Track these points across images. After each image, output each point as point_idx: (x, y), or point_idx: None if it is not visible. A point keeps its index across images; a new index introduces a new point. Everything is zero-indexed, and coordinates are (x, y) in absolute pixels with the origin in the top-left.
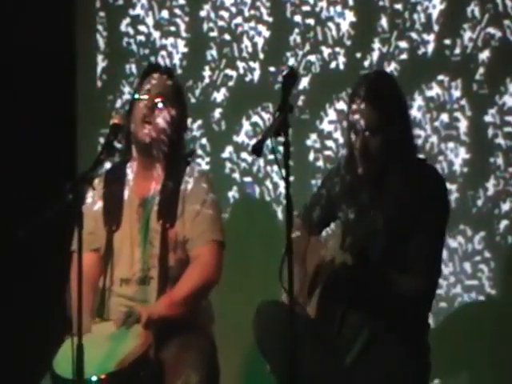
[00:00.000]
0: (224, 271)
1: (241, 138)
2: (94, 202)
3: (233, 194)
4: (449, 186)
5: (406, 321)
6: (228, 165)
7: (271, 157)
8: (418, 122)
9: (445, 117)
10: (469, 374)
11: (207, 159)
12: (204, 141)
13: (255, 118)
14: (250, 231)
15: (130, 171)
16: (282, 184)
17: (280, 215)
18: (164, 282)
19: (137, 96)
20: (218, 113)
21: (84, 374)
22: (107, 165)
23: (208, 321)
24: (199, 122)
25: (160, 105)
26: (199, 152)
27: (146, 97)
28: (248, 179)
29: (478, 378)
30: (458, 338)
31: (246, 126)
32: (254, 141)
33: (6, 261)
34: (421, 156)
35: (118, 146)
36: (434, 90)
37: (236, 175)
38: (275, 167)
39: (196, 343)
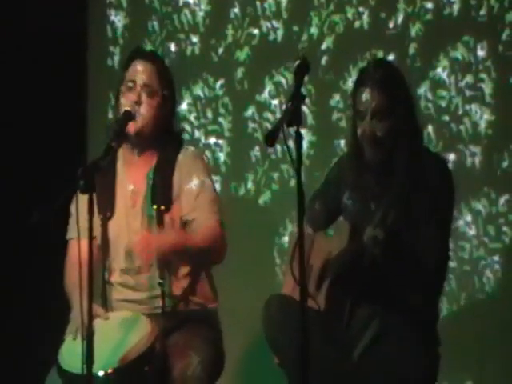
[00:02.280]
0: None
1: (263, 97)
2: None
3: (255, 153)
4: (473, 148)
5: (417, 311)
6: (250, 124)
7: None
8: (443, 83)
9: (470, 78)
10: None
11: (229, 118)
12: (226, 100)
13: (278, 78)
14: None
15: (121, 159)
16: (304, 145)
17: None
18: (164, 267)
19: (124, 87)
20: (240, 72)
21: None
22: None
23: (210, 295)
24: (222, 81)
25: (146, 96)
26: (221, 111)
27: (131, 91)
28: None
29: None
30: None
31: (269, 85)
32: (276, 101)
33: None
34: (446, 117)
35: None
36: (459, 51)
37: (258, 134)
38: None
39: (200, 330)
